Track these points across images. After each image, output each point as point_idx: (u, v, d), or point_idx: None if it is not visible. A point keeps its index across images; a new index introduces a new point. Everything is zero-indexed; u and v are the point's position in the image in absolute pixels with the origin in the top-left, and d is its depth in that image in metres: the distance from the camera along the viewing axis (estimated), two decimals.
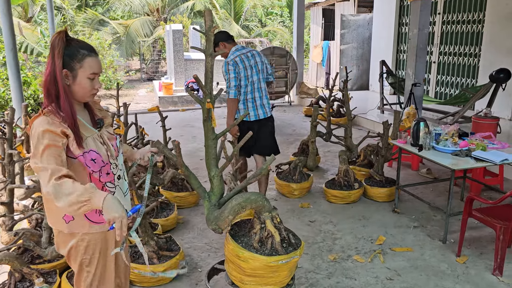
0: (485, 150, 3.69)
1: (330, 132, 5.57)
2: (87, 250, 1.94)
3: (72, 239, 1.92)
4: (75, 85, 1.85)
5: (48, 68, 1.82)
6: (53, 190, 1.64)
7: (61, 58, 1.79)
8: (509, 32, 7.62)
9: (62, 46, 1.80)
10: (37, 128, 1.74)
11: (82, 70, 1.84)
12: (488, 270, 3.20)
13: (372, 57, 11.86)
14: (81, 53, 1.84)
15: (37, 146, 1.72)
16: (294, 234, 2.67)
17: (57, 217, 1.91)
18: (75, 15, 19.05)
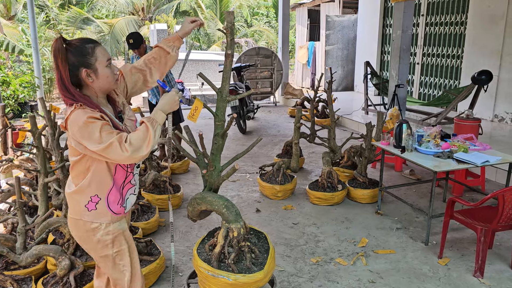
0: (466, 151, 3.71)
1: (314, 134, 5.56)
2: (115, 243, 2.02)
3: (96, 233, 1.98)
4: (99, 79, 1.88)
5: (56, 76, 1.85)
6: (132, 150, 1.77)
7: (66, 64, 1.81)
8: (491, 34, 7.71)
9: (63, 52, 1.81)
10: (79, 119, 1.77)
11: (99, 61, 1.87)
12: (469, 272, 3.20)
13: (357, 58, 11.93)
14: (89, 47, 1.86)
15: (90, 133, 1.76)
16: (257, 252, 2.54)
17: (80, 206, 1.96)
18: (59, 13, 18.75)
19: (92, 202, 1.96)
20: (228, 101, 2.58)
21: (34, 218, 3.10)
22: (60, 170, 3.35)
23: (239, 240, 2.48)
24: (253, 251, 2.50)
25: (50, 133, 3.52)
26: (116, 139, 1.77)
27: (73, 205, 2.00)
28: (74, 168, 1.97)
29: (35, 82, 9.32)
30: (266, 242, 2.67)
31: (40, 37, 12.35)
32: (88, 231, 1.99)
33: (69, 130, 1.82)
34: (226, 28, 2.38)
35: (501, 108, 7.68)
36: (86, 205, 1.96)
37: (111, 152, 1.77)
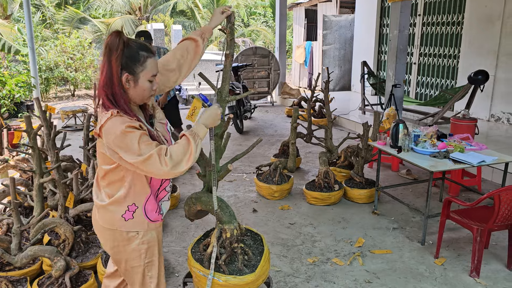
0: (463, 151, 3.71)
1: (311, 133, 5.55)
2: (148, 253, 1.97)
3: (131, 243, 1.92)
4: (136, 89, 1.80)
5: (104, 71, 1.74)
6: (172, 165, 1.71)
7: (119, 62, 1.73)
8: (487, 34, 7.73)
9: (121, 48, 1.73)
10: (117, 128, 1.69)
11: (144, 73, 1.79)
12: (466, 271, 3.21)
13: (354, 57, 11.93)
14: (142, 56, 1.77)
15: (128, 143, 1.69)
16: (250, 254, 2.52)
17: (115, 217, 1.89)
18: (56, 12, 18.68)
19: (130, 212, 1.88)
20: (228, 101, 2.58)
21: (30, 219, 3.09)
22: (56, 170, 3.34)
23: (231, 241, 2.47)
24: (246, 253, 2.48)
25: (45, 133, 3.51)
26: (156, 151, 1.70)
27: (108, 216, 1.91)
28: (107, 177, 1.88)
29: (31, 82, 9.29)
30: (262, 244, 2.66)
31: (36, 37, 12.32)
32: (124, 241, 1.91)
33: (104, 138, 1.73)
34: (225, 27, 2.37)
35: (498, 108, 7.70)
36: (123, 215, 1.88)
37: (149, 165, 1.69)
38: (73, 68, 13.16)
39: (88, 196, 3.55)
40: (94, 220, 2.00)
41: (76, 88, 13.58)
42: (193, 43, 2.15)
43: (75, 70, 13.19)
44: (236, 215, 4.20)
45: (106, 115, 1.72)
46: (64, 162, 4.23)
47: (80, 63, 13.27)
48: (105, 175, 1.88)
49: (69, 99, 12.94)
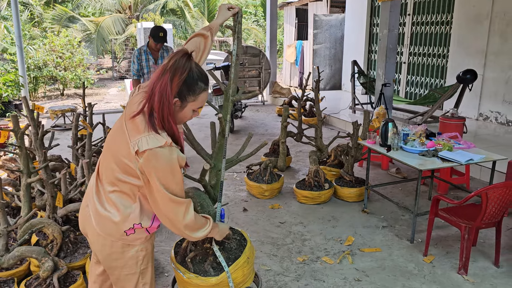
0: (451, 150, 3.74)
1: (301, 132, 5.56)
2: (145, 259, 1.92)
3: (131, 249, 1.86)
4: (178, 114, 1.75)
5: (163, 90, 1.65)
6: (187, 223, 1.76)
7: (179, 86, 1.67)
8: (475, 33, 7.81)
9: (186, 75, 1.67)
10: (168, 160, 1.66)
11: (193, 103, 1.75)
12: (454, 269, 3.24)
13: (345, 57, 11.98)
14: (199, 87, 1.73)
15: (169, 179, 1.68)
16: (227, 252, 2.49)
17: (117, 230, 1.80)
18: (43, 11, 18.50)
19: (133, 229, 1.83)
20: (233, 101, 2.56)
21: (17, 219, 3.05)
22: (44, 170, 3.30)
23: (204, 241, 2.46)
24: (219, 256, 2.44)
25: (33, 132, 3.47)
26: (187, 202, 1.74)
27: (108, 228, 1.81)
28: (119, 185, 1.77)
29: (19, 81, 9.19)
30: (242, 250, 2.58)
31: (25, 35, 12.19)
32: (124, 247, 1.85)
33: (145, 161, 1.65)
34: (232, 28, 2.36)
35: (486, 107, 7.79)
36: (126, 231, 1.81)
37: (172, 208, 1.71)
38: (62, 67, 13.04)
39: (76, 196, 3.52)
40: (89, 224, 1.89)
41: (65, 87, 13.46)
42: (203, 39, 2.16)
43: (64, 69, 13.08)
44: (226, 214, 4.19)
45: (157, 140, 1.64)
46: (52, 161, 4.19)
47: (69, 62, 13.15)
48: (118, 182, 1.77)
49: (58, 98, 12.82)
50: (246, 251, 2.45)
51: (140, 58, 5.25)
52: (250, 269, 2.48)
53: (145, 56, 5.24)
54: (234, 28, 2.37)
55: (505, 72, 7.35)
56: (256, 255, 3.44)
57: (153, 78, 1.70)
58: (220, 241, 2.46)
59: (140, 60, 5.25)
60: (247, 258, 2.42)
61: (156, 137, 1.64)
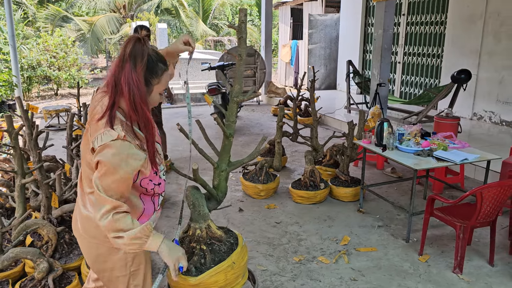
0: (446, 150, 3.76)
1: (297, 132, 5.57)
2: (135, 261, 1.85)
3: (117, 252, 1.79)
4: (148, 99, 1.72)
5: (131, 81, 1.60)
6: (107, 224, 1.58)
7: (144, 70, 1.63)
8: (469, 33, 7.85)
9: (146, 60, 1.63)
10: (113, 156, 1.58)
11: (158, 86, 1.71)
12: (449, 268, 3.25)
13: (340, 56, 12.01)
14: (160, 68, 1.69)
15: (106, 175, 1.58)
16: (208, 259, 2.43)
17: (101, 232, 1.72)
18: (37, 11, 18.38)
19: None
20: (237, 102, 2.54)
21: (11, 220, 3.03)
22: (38, 170, 3.28)
23: (191, 240, 2.45)
24: (204, 257, 2.42)
25: (27, 133, 3.45)
26: (114, 203, 1.58)
27: (92, 230, 1.77)
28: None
29: (13, 80, 9.13)
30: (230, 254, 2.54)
31: (18, 35, 12.11)
32: (110, 249, 1.78)
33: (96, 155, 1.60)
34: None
35: (480, 107, 7.83)
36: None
37: (96, 204, 1.60)
38: (56, 66, 12.97)
39: (71, 196, 3.50)
40: (75, 228, 1.87)
41: (59, 87, 13.39)
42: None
43: (58, 68, 13.00)
44: (222, 214, 4.19)
45: (110, 134, 1.59)
46: (47, 162, 4.16)
47: (63, 61, 13.08)
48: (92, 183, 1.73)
49: (52, 98, 12.75)
50: (232, 256, 2.41)
51: None
52: (237, 275, 2.42)
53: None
54: (237, 28, 2.35)
55: (498, 72, 7.40)
56: (252, 255, 3.44)
57: (112, 71, 1.65)
58: (208, 240, 2.44)
59: None
60: (232, 263, 2.37)
61: (110, 133, 1.59)
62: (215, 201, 2.64)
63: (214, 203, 2.65)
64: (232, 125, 2.55)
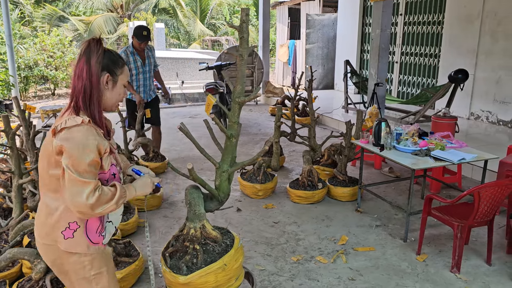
0: (443, 149, 3.77)
1: (295, 132, 5.57)
2: (94, 264, 1.83)
3: (71, 256, 1.79)
4: (113, 92, 1.82)
5: (82, 73, 1.72)
6: (94, 203, 1.66)
7: (100, 64, 1.74)
8: (467, 33, 7.87)
9: (102, 53, 1.76)
10: (81, 139, 1.65)
11: (122, 76, 1.84)
12: (447, 267, 3.26)
13: (337, 56, 12.02)
14: (120, 61, 1.83)
15: (80, 158, 1.64)
16: (200, 259, 2.43)
17: (53, 232, 1.76)
18: (33, 10, 18.33)
19: (70, 230, 1.76)
20: (239, 103, 2.53)
21: (8, 221, 3.03)
22: (35, 171, 3.27)
23: (185, 239, 2.45)
24: (196, 256, 2.41)
25: (24, 133, 3.44)
26: (94, 184, 1.66)
27: (45, 231, 1.79)
28: (49, 182, 1.76)
29: (9, 80, 9.10)
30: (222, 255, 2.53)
31: (15, 35, 12.06)
32: (65, 252, 1.78)
33: (60, 140, 1.65)
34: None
35: (477, 106, 7.85)
36: (62, 232, 1.76)
37: (76, 187, 1.64)
38: (53, 66, 12.94)
39: None
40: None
41: (56, 87, 13.36)
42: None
43: (55, 68, 12.97)
44: (220, 214, 4.19)
45: (75, 120, 1.67)
46: None
47: (61, 61, 13.05)
48: (47, 179, 1.76)
49: (50, 98, 12.71)
50: (224, 258, 2.39)
51: (127, 60, 5.12)
52: (228, 277, 2.41)
53: (133, 58, 5.14)
54: (239, 27, 2.35)
55: (495, 72, 7.42)
56: (251, 255, 3.44)
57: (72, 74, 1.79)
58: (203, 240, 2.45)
59: (128, 62, 5.13)
60: (223, 265, 2.36)
61: (75, 118, 1.68)
62: (216, 202, 2.64)
63: (216, 204, 2.64)
64: (235, 126, 2.55)
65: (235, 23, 23.18)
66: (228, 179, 2.62)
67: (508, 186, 3.03)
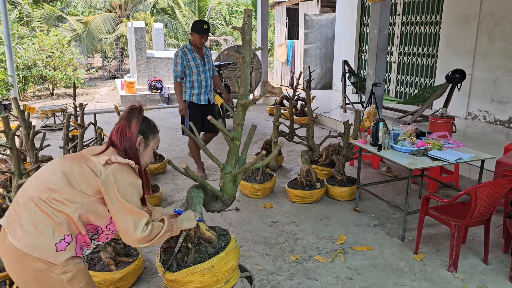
0: (441, 149, 3.80)
1: (293, 132, 5.59)
2: (77, 277, 1.84)
3: (52, 271, 1.77)
4: (143, 153, 2.02)
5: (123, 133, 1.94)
6: (144, 237, 1.85)
7: (139, 126, 1.97)
8: (464, 33, 7.90)
9: (142, 117, 2.00)
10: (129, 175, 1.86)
11: (153, 142, 2.06)
12: (444, 266, 3.29)
13: (335, 56, 12.04)
14: (156, 129, 2.07)
15: (131, 194, 1.85)
16: (191, 258, 2.42)
17: (46, 242, 1.75)
18: (32, 10, 18.30)
19: (65, 242, 1.78)
20: (242, 105, 2.53)
21: None
22: (35, 171, 3.28)
23: (178, 236, 2.46)
24: (187, 254, 2.41)
25: (24, 133, 3.45)
26: (147, 217, 1.88)
27: (34, 239, 1.74)
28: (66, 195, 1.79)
29: (8, 80, 9.10)
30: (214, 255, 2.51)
31: (13, 35, 12.05)
32: (41, 271, 1.75)
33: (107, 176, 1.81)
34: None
35: (474, 106, 7.89)
36: (56, 244, 1.76)
37: (131, 219, 1.82)
38: (52, 66, 12.93)
39: None
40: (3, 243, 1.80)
41: (55, 87, 13.35)
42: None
43: (54, 68, 12.97)
44: (219, 214, 4.20)
45: (123, 159, 1.87)
46: (43, 162, 4.16)
47: (59, 61, 13.05)
48: (72, 189, 1.80)
49: (48, 98, 12.71)
50: (212, 259, 2.38)
51: (186, 58, 4.84)
52: (215, 279, 2.39)
53: (192, 55, 4.85)
54: (241, 29, 2.36)
55: (493, 72, 7.46)
56: (249, 255, 3.46)
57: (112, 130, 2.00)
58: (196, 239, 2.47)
59: (187, 60, 4.84)
60: (210, 266, 2.35)
61: (123, 159, 1.88)
62: (221, 202, 2.64)
63: (220, 204, 2.65)
64: (239, 128, 2.55)
65: (234, 23, 23.19)
66: (235, 181, 2.62)
67: (505, 185, 3.06)
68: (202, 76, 4.94)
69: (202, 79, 4.95)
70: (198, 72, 4.91)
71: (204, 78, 4.96)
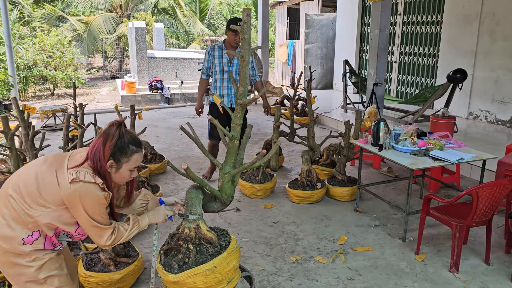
0: (442, 149, 3.78)
1: (294, 132, 5.58)
2: (44, 267, 1.92)
3: (23, 258, 1.88)
4: (115, 175, 1.99)
5: (96, 152, 1.91)
6: (111, 243, 1.98)
7: (110, 151, 1.92)
8: (465, 33, 7.88)
9: (116, 140, 1.93)
10: (95, 196, 1.88)
11: (127, 164, 1.99)
12: (445, 267, 3.27)
13: (336, 56, 12.03)
14: (130, 149, 1.97)
15: (97, 211, 1.90)
16: (192, 259, 2.42)
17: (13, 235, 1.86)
18: (32, 10, 18.31)
19: (32, 238, 1.87)
20: (241, 105, 2.53)
21: None
22: None
23: (179, 238, 2.45)
24: (189, 256, 2.41)
25: (23, 133, 3.44)
26: (110, 227, 1.96)
27: (2, 232, 1.85)
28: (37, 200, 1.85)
29: (8, 80, 9.10)
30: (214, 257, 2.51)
31: (14, 35, 12.04)
32: (12, 260, 1.87)
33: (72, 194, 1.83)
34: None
35: (476, 106, 7.86)
36: (24, 238, 1.86)
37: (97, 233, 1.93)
38: (53, 66, 12.93)
39: None
40: None
41: (55, 87, 13.35)
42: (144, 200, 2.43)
43: (55, 68, 12.96)
44: (219, 214, 4.19)
45: (91, 178, 1.87)
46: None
47: (60, 61, 13.04)
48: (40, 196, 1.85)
49: (49, 98, 12.71)
50: (215, 260, 2.38)
51: (212, 54, 4.60)
52: (218, 280, 2.39)
53: (219, 52, 4.59)
54: (240, 28, 2.35)
55: (494, 71, 7.43)
56: (250, 255, 3.45)
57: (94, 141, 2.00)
58: (197, 240, 2.47)
59: (212, 57, 4.59)
60: (213, 267, 2.35)
61: (91, 177, 1.88)
62: (220, 203, 2.63)
63: (219, 205, 2.64)
64: (237, 128, 2.55)
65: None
66: (233, 181, 2.61)
67: (506, 185, 3.04)
68: (225, 77, 4.62)
69: (224, 79, 4.63)
70: (221, 71, 4.62)
71: (227, 79, 4.63)
